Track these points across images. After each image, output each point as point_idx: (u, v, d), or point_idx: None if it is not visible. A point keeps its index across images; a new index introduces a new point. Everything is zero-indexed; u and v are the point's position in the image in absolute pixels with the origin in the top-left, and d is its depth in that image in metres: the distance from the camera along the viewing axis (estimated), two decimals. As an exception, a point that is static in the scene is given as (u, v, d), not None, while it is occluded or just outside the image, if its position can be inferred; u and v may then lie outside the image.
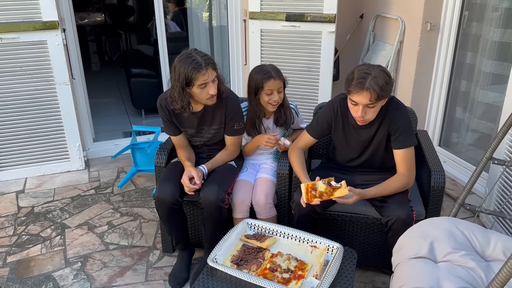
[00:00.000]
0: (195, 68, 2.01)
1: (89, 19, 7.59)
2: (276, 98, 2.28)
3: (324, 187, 1.94)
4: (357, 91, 1.90)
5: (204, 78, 2.04)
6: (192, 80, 2.04)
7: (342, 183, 1.94)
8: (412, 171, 2.10)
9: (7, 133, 3.25)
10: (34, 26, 3.05)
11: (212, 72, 2.08)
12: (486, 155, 2.07)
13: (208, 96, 2.11)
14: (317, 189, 1.94)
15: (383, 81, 1.88)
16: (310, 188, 1.96)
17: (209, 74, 2.05)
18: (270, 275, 1.72)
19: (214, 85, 2.10)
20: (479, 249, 1.66)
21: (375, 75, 1.88)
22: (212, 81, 2.08)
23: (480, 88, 3.12)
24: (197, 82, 2.04)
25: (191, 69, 2.01)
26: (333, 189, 1.93)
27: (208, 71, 2.05)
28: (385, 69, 1.94)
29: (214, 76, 2.09)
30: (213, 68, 2.09)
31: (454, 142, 3.48)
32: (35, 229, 2.77)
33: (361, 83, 1.88)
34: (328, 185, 1.94)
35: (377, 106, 1.96)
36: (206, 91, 2.09)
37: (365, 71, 1.90)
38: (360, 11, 4.10)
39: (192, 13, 4.60)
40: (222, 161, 2.33)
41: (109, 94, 5.40)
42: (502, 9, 2.88)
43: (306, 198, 1.95)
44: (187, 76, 2.03)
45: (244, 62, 3.94)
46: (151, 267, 2.44)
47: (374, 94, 1.87)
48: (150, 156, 3.26)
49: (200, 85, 2.06)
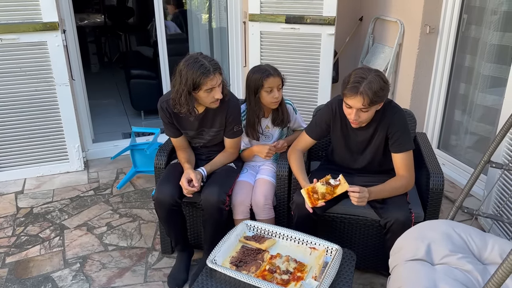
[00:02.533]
0: (204, 73, 2.01)
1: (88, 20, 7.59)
2: (276, 95, 2.30)
3: (324, 188, 1.95)
4: (351, 95, 1.92)
5: (212, 83, 2.05)
6: (200, 85, 2.04)
7: (340, 178, 1.96)
8: (412, 173, 2.12)
9: (7, 133, 3.25)
10: (34, 27, 3.06)
11: (219, 77, 2.09)
12: (484, 158, 2.07)
13: (213, 100, 2.12)
14: (318, 191, 1.95)
15: (377, 86, 1.89)
16: (311, 192, 1.97)
17: (216, 79, 2.07)
18: (269, 276, 1.72)
19: (220, 90, 2.11)
20: (476, 252, 1.67)
21: (370, 80, 1.89)
22: (218, 85, 2.10)
23: (479, 91, 3.13)
24: (204, 87, 2.05)
25: (200, 74, 2.01)
26: (333, 187, 1.95)
27: (216, 76, 2.06)
28: (381, 74, 1.96)
29: (220, 81, 2.11)
30: (220, 73, 2.10)
31: (452, 145, 3.49)
32: (34, 230, 2.77)
33: (355, 87, 1.90)
34: (327, 184, 1.95)
35: (371, 110, 1.98)
36: (212, 95, 2.10)
37: (361, 76, 1.91)
38: (360, 13, 4.11)
39: (192, 15, 4.61)
40: (221, 163, 2.34)
41: (109, 95, 5.40)
42: (500, 12, 2.89)
43: (311, 202, 1.96)
44: (195, 81, 2.03)
45: (243, 64, 3.95)
46: (150, 268, 2.44)
47: (367, 99, 1.89)
48: (150, 157, 3.27)
49: (207, 89, 2.07)
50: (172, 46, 3.89)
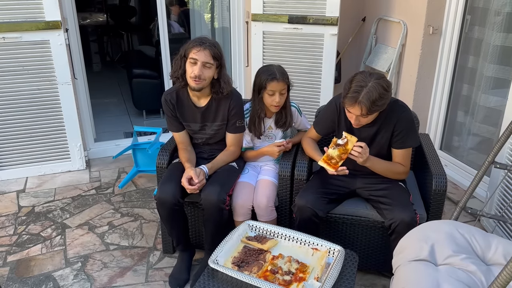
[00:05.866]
0: (194, 42, 2.13)
1: (91, 20, 7.60)
2: (277, 100, 2.28)
3: (336, 151, 2.01)
4: (349, 104, 1.94)
5: (196, 55, 2.11)
6: (187, 53, 2.14)
7: (345, 135, 2.01)
8: (408, 166, 2.19)
9: (8, 132, 3.25)
10: (36, 26, 3.05)
11: (207, 55, 2.12)
12: (488, 159, 2.07)
13: (192, 75, 2.14)
14: (333, 156, 2.01)
15: (376, 95, 1.88)
16: (327, 160, 2.02)
17: (203, 54, 2.11)
18: (271, 277, 1.72)
19: (203, 69, 2.13)
20: (479, 253, 1.66)
21: (369, 89, 1.88)
22: (203, 63, 2.12)
23: (482, 92, 3.12)
24: (190, 55, 2.13)
25: (192, 43, 2.14)
26: (344, 146, 2.00)
27: (204, 51, 2.11)
28: (383, 80, 1.93)
29: (206, 60, 2.13)
30: (211, 53, 2.13)
31: (455, 146, 3.48)
32: (36, 229, 2.76)
33: (354, 97, 1.91)
34: (337, 146, 2.01)
35: (370, 116, 1.99)
36: (192, 69, 2.13)
37: (360, 84, 1.91)
38: (363, 14, 4.10)
39: (195, 15, 4.61)
40: (223, 162, 2.33)
41: (111, 95, 5.40)
42: (504, 13, 2.88)
43: (332, 168, 2.01)
44: (186, 49, 2.15)
45: (246, 64, 3.94)
46: (152, 268, 2.44)
47: (365, 109, 1.91)
48: (151, 157, 3.26)
49: (191, 59, 2.13)
50: (174, 46, 3.88)
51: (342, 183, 2.22)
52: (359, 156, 1.99)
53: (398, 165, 2.14)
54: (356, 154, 1.99)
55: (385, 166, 2.13)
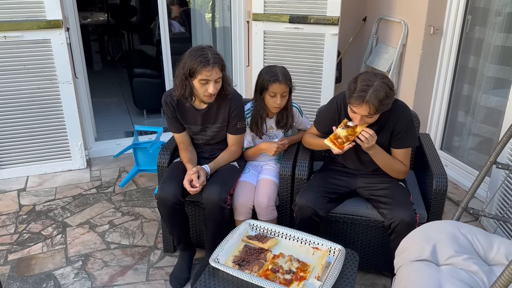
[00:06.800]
0: (202, 62, 2.04)
1: (92, 19, 7.60)
2: (278, 101, 2.28)
3: (344, 131, 2.01)
4: (357, 104, 1.92)
5: (207, 75, 2.06)
6: (195, 73, 2.07)
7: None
8: (408, 165, 2.18)
9: (9, 131, 3.25)
10: (38, 25, 3.05)
11: (218, 72, 2.08)
12: (490, 159, 2.07)
13: (206, 93, 2.12)
14: (340, 135, 2.01)
15: (383, 94, 1.89)
16: (334, 139, 2.02)
17: (213, 72, 2.06)
18: (272, 276, 1.72)
19: (215, 85, 2.11)
20: (481, 253, 1.66)
21: (376, 88, 1.88)
22: (215, 80, 2.09)
23: (483, 92, 3.12)
24: (199, 76, 2.07)
25: (198, 62, 2.04)
26: (353, 128, 2.00)
27: (214, 70, 2.06)
28: (387, 80, 1.94)
29: (218, 77, 2.10)
30: (220, 69, 2.10)
31: (456, 146, 3.48)
32: (36, 228, 2.77)
33: (361, 96, 1.89)
34: (347, 127, 2.01)
35: (375, 116, 1.98)
36: (206, 88, 2.10)
37: (367, 83, 1.90)
38: (363, 14, 4.10)
39: (196, 14, 4.61)
40: (224, 161, 2.34)
41: (111, 94, 5.40)
42: (505, 13, 2.88)
43: (337, 147, 2.01)
44: (192, 68, 2.06)
45: (246, 64, 3.94)
46: (152, 266, 2.44)
47: (373, 108, 1.90)
48: (152, 156, 3.26)
49: (202, 80, 2.08)
50: (175, 45, 3.88)
51: (342, 183, 2.22)
52: (365, 142, 1.98)
53: (399, 162, 2.14)
54: (363, 139, 1.98)
55: (386, 159, 2.12)
